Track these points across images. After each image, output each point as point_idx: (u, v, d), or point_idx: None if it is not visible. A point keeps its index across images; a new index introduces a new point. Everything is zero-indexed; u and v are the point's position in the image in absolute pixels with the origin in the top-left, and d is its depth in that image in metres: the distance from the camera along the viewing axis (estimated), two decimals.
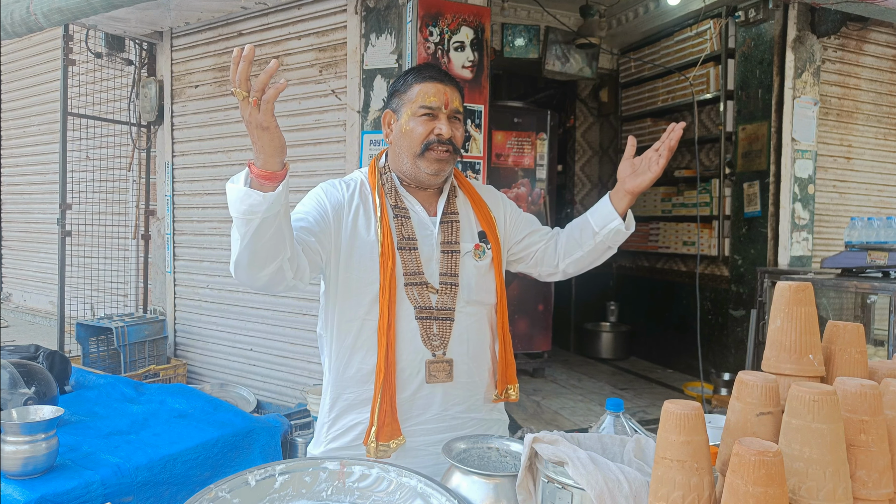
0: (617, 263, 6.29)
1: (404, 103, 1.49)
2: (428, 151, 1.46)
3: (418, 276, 1.46)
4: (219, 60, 4.20)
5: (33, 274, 6.26)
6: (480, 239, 1.55)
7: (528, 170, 4.97)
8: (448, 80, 1.50)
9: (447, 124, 1.46)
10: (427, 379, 1.46)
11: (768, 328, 0.96)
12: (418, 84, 1.47)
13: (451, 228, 1.52)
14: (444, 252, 1.50)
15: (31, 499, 1.73)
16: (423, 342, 1.46)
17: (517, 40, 5.02)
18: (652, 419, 4.00)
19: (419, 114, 1.46)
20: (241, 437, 2.45)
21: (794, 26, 4.11)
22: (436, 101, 1.46)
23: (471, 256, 1.53)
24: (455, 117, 1.49)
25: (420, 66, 1.54)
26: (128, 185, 4.86)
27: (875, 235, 3.36)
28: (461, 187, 1.61)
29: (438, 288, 1.48)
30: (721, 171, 4.80)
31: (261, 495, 1.07)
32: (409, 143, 1.47)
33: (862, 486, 0.79)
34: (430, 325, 1.46)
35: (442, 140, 1.46)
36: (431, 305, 1.47)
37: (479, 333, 1.54)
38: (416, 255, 1.47)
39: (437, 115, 1.46)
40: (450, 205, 1.55)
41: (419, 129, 1.46)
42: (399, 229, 1.47)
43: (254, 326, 4.11)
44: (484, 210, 1.59)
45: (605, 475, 0.90)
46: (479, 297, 1.53)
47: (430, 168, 1.47)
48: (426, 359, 1.46)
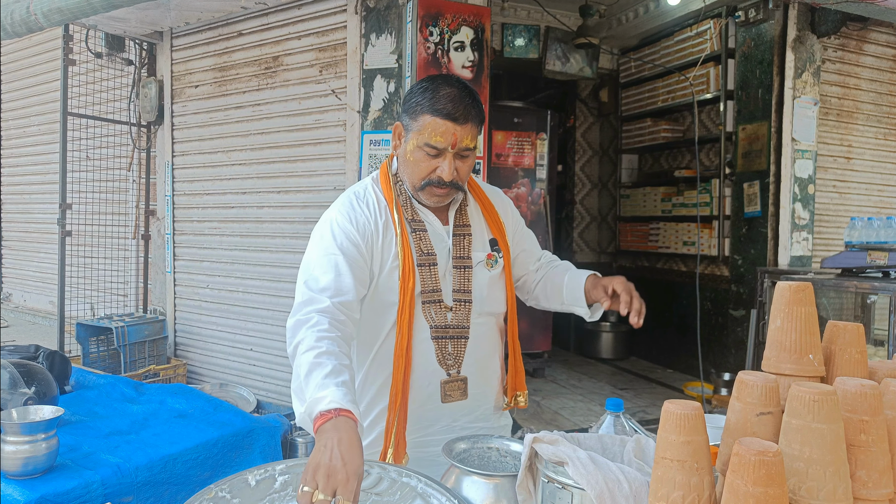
0: (617, 264, 6.30)
1: (412, 129, 1.39)
2: (428, 187, 1.40)
3: (435, 293, 1.42)
4: (219, 60, 4.20)
5: (33, 274, 6.26)
6: (492, 247, 1.51)
7: (528, 170, 4.97)
8: (462, 118, 1.36)
9: (450, 165, 1.37)
10: (442, 399, 1.44)
11: (768, 328, 0.96)
12: (429, 116, 1.36)
13: (464, 241, 1.48)
14: (456, 267, 1.46)
15: (31, 499, 1.73)
16: (439, 362, 1.43)
17: (517, 40, 5.02)
18: (652, 419, 3.99)
19: (424, 149, 1.38)
20: (241, 437, 2.45)
21: (794, 26, 4.10)
22: (442, 141, 1.36)
23: (483, 266, 1.49)
24: (462, 155, 1.40)
25: (437, 85, 1.39)
26: (128, 185, 4.86)
27: (875, 235, 3.35)
28: (471, 192, 1.55)
29: (452, 305, 1.44)
30: (721, 171, 4.80)
31: (261, 495, 1.07)
32: (410, 173, 1.42)
33: (862, 486, 0.79)
34: (445, 344, 1.43)
35: (442, 182, 1.39)
36: (447, 323, 1.43)
37: (489, 345, 1.52)
38: (434, 270, 1.42)
39: (443, 154, 1.37)
40: (461, 216, 1.50)
41: (422, 164, 1.39)
42: (418, 244, 1.42)
43: (254, 326, 4.10)
44: (494, 216, 1.55)
45: (605, 475, 0.90)
46: (490, 308, 1.51)
47: (429, 200, 1.43)
48: (441, 379, 1.43)
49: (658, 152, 5.89)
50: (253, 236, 4.11)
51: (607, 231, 6.41)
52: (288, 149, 3.91)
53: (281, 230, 3.97)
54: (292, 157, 3.90)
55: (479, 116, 1.40)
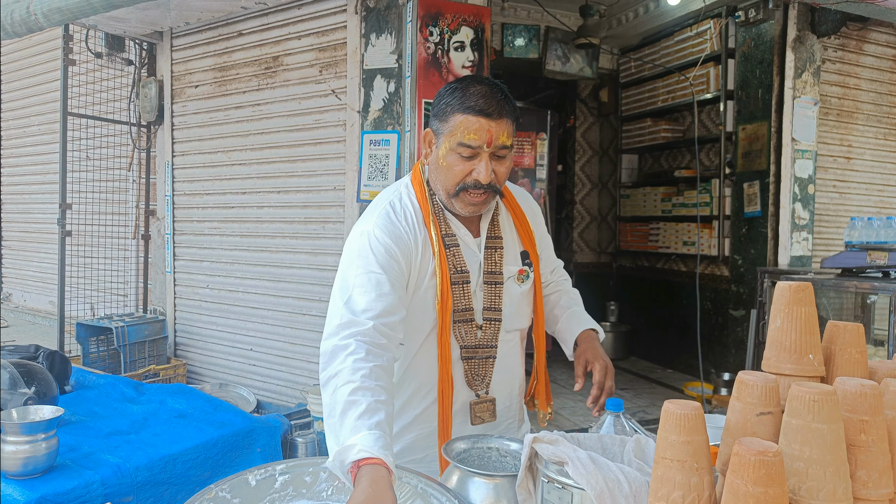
0: (617, 263, 6.30)
1: (443, 132, 1.31)
2: (463, 193, 1.31)
3: (468, 312, 1.37)
4: (219, 60, 4.20)
5: (33, 274, 6.26)
6: (524, 261, 1.45)
7: (529, 170, 4.97)
8: (496, 113, 1.27)
9: (487, 166, 1.28)
10: (472, 421, 1.39)
11: (768, 328, 0.96)
12: (460, 115, 1.28)
13: (495, 255, 1.41)
14: (486, 283, 1.39)
15: (31, 499, 1.73)
16: (468, 383, 1.39)
17: (517, 40, 5.02)
18: (652, 419, 3.99)
19: (457, 150, 1.29)
20: (241, 437, 2.45)
21: (794, 26, 4.10)
22: (476, 139, 1.27)
23: (514, 281, 1.43)
24: (499, 155, 1.31)
25: (468, 87, 1.30)
26: (128, 185, 4.86)
27: (875, 235, 3.36)
28: (502, 199, 1.48)
29: (482, 324, 1.39)
30: (721, 171, 4.80)
31: (261, 495, 1.07)
32: (444, 179, 1.33)
33: (862, 486, 0.79)
34: (475, 364, 1.39)
35: (479, 185, 1.30)
36: (476, 343, 1.39)
37: (513, 362, 1.48)
38: (467, 289, 1.36)
39: (478, 154, 1.29)
40: (494, 227, 1.43)
41: (456, 167, 1.30)
42: (452, 261, 1.35)
43: (254, 326, 4.10)
44: (525, 225, 1.48)
45: (605, 475, 0.90)
46: (517, 324, 1.47)
47: (464, 210, 1.34)
48: (470, 400, 1.40)
49: (658, 152, 5.89)
50: (253, 236, 4.11)
51: (607, 231, 6.41)
52: (288, 149, 3.91)
53: (281, 230, 3.97)
54: (292, 157, 3.90)
55: (513, 113, 1.32)
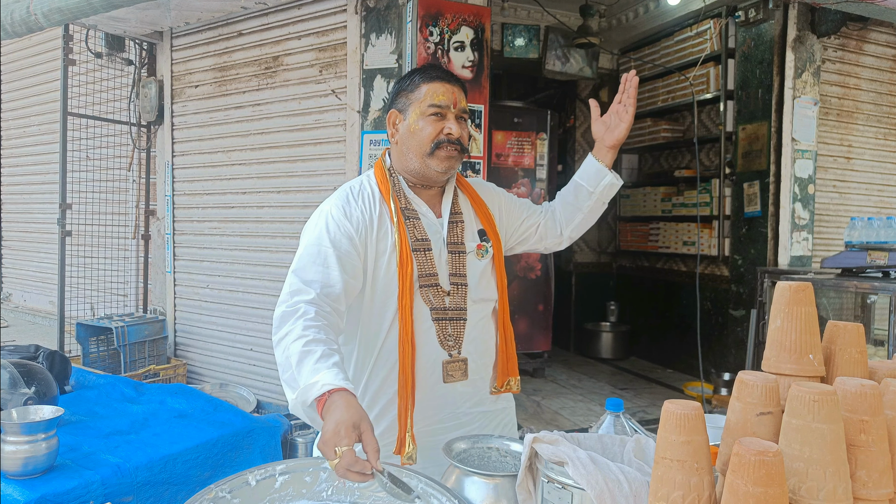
0: (617, 263, 6.30)
1: (412, 103, 1.49)
2: (438, 150, 1.47)
3: (432, 277, 1.48)
4: (219, 60, 4.20)
5: (33, 274, 6.26)
6: (481, 237, 1.57)
7: (528, 170, 4.97)
8: (455, 81, 1.52)
9: (456, 123, 1.48)
10: (444, 379, 1.48)
11: (768, 328, 0.96)
12: (426, 83, 1.49)
13: (457, 228, 1.54)
14: (451, 252, 1.52)
15: (31, 499, 1.74)
16: (440, 343, 1.48)
17: (517, 40, 5.02)
18: (652, 419, 4.00)
19: (428, 112, 1.47)
20: (241, 437, 2.45)
21: (794, 26, 4.10)
22: (445, 99, 1.47)
23: (473, 256, 1.55)
24: (462, 117, 1.51)
25: (425, 66, 1.55)
26: (128, 185, 4.86)
27: (875, 235, 3.36)
28: (460, 187, 1.63)
29: (449, 289, 1.50)
30: (721, 171, 4.80)
31: (261, 495, 1.07)
32: (418, 143, 1.48)
33: (862, 486, 0.79)
34: (446, 325, 1.49)
35: (451, 139, 1.47)
36: (445, 306, 1.49)
37: (486, 330, 1.58)
38: (430, 255, 1.48)
39: (446, 115, 1.48)
40: (455, 205, 1.57)
41: (428, 128, 1.47)
42: (412, 231, 1.48)
43: (254, 326, 4.10)
44: (482, 207, 1.61)
45: (605, 475, 0.90)
46: (483, 294, 1.56)
47: (440, 166, 1.48)
48: (443, 359, 1.48)
49: (658, 152, 5.89)
50: (253, 236, 4.11)
51: (607, 231, 6.41)
52: (288, 149, 3.91)
53: (281, 230, 3.97)
54: (292, 157, 3.90)
55: (465, 88, 1.55)
